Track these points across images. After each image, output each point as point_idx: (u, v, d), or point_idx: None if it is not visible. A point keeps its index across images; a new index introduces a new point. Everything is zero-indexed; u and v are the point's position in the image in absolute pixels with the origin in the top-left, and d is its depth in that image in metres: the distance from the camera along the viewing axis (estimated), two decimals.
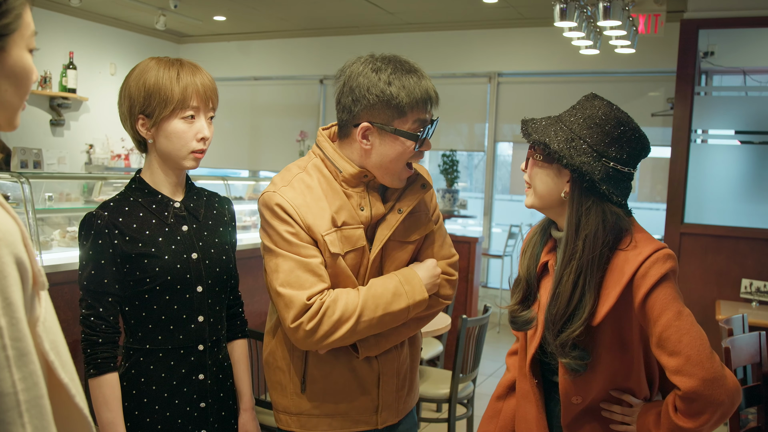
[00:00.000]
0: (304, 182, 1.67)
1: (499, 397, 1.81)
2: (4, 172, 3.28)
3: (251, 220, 4.77)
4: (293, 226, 1.61)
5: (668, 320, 1.43)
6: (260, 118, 8.48)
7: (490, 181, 7.26)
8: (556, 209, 1.60)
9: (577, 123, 1.54)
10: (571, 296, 1.50)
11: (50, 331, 0.88)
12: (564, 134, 1.53)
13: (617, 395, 1.58)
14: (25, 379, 0.78)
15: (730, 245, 4.88)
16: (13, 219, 0.83)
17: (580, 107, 1.58)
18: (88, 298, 1.65)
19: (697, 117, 5.09)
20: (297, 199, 1.63)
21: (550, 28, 6.03)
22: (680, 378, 1.42)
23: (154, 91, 1.65)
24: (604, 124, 1.53)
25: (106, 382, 1.62)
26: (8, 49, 0.87)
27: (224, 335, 1.83)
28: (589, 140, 1.52)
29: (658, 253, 1.47)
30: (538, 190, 1.59)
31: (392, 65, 1.61)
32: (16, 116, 0.93)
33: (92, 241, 1.65)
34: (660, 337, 1.44)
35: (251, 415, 1.88)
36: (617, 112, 1.54)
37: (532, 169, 1.60)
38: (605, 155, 1.52)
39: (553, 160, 1.54)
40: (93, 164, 7.33)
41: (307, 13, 7.09)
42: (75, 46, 7.15)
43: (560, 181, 1.55)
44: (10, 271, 0.78)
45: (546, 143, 1.52)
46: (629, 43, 4.84)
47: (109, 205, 1.69)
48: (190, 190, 1.80)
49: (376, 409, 1.75)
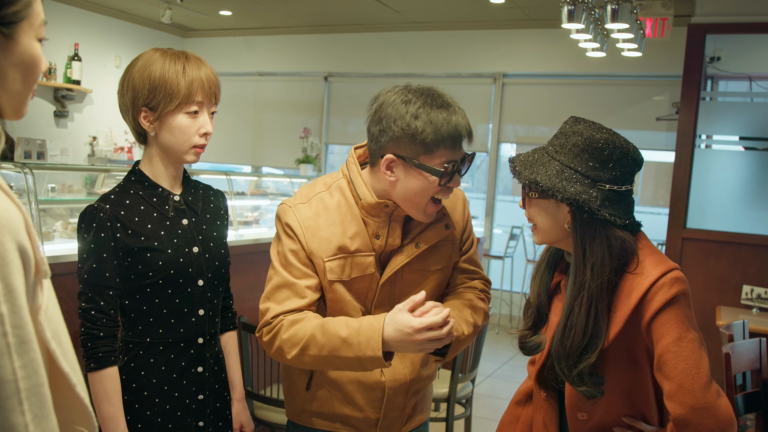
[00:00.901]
0: (323, 202, 1.65)
1: (518, 402, 1.79)
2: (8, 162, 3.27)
3: (253, 215, 4.76)
4: (296, 245, 1.62)
5: (666, 345, 1.43)
6: (264, 113, 8.47)
7: (493, 182, 7.25)
8: (566, 240, 1.57)
9: (564, 153, 1.52)
10: (585, 328, 1.48)
11: (52, 320, 0.87)
12: (553, 167, 1.51)
13: (630, 422, 1.55)
14: (26, 367, 0.78)
15: (731, 251, 4.87)
16: (16, 206, 0.83)
17: (563, 135, 1.55)
18: (88, 292, 1.63)
19: (701, 122, 5.08)
20: (308, 221, 1.63)
21: (556, 30, 6.02)
22: (671, 403, 1.42)
23: (159, 85, 1.63)
24: (590, 149, 1.50)
25: (107, 376, 1.62)
26: (17, 37, 0.87)
27: (218, 327, 1.84)
28: (579, 168, 1.50)
29: (665, 278, 1.45)
30: (541, 226, 1.57)
31: (423, 98, 1.53)
32: (24, 105, 0.93)
33: (94, 234, 1.64)
34: (659, 360, 1.44)
35: (243, 405, 1.91)
36: (601, 134, 1.50)
37: (530, 207, 1.58)
38: (599, 180, 1.49)
39: (548, 196, 1.51)
40: (96, 156, 7.33)
41: (314, 10, 7.08)
42: (80, 37, 7.15)
43: (560, 213, 1.53)
44: (12, 258, 0.78)
45: (536, 181, 1.49)
46: (636, 47, 4.83)
47: (110, 197, 1.68)
48: (187, 184, 1.80)
49: (377, 423, 1.73)
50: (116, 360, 1.65)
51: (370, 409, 1.71)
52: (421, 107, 1.52)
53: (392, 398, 1.72)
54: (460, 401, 3.30)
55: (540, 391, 1.66)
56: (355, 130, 7.97)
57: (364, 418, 1.72)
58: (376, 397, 1.70)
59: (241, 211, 4.67)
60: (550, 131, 6.99)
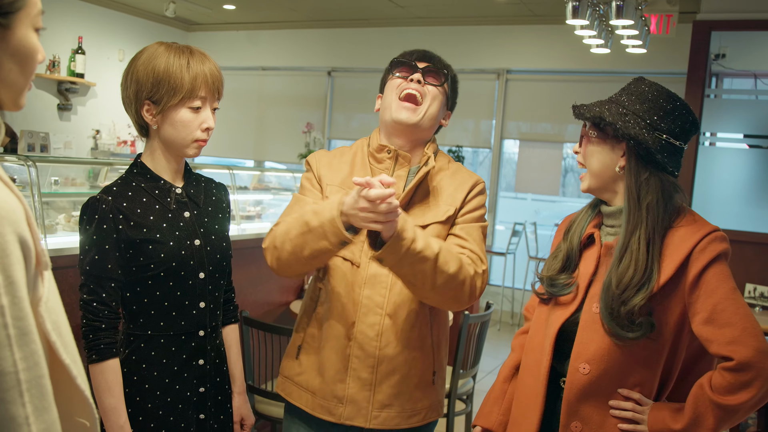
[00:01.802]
0: (341, 150, 1.90)
1: (506, 379, 1.81)
2: (11, 155, 3.28)
3: (255, 210, 4.76)
4: (309, 173, 1.86)
5: (725, 292, 1.47)
6: (267, 108, 8.47)
7: (495, 179, 7.24)
8: (611, 187, 1.63)
9: (629, 100, 1.59)
10: (646, 262, 1.51)
11: (52, 311, 0.87)
12: (616, 109, 1.58)
13: (626, 394, 1.55)
14: (26, 359, 0.78)
15: (735, 249, 4.80)
16: (17, 198, 0.82)
17: (628, 88, 1.63)
18: (90, 284, 1.63)
19: (706, 119, 5.06)
20: (323, 158, 1.87)
21: (560, 26, 6.00)
22: (735, 347, 1.43)
23: (163, 78, 1.63)
24: (656, 99, 1.58)
25: (108, 368, 1.62)
26: (13, 27, 0.86)
27: (219, 320, 1.84)
28: (641, 114, 1.57)
29: (717, 233, 1.53)
30: (594, 168, 1.62)
31: None
32: (22, 96, 0.92)
33: (96, 226, 1.64)
34: (714, 309, 1.46)
35: (244, 398, 1.91)
36: (667, 90, 1.60)
37: (586, 148, 1.64)
38: (658, 128, 1.56)
39: (608, 136, 1.58)
40: (99, 150, 7.33)
41: (317, 5, 7.07)
42: (84, 31, 7.15)
43: (615, 156, 1.59)
44: (12, 250, 0.78)
45: (601, 116, 1.56)
46: (641, 43, 4.81)
47: (113, 189, 1.68)
48: (189, 177, 1.80)
49: (342, 400, 1.71)
50: (118, 352, 1.65)
51: (337, 382, 1.71)
52: None
53: (358, 370, 1.69)
54: (461, 397, 3.30)
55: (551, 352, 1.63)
56: (358, 125, 7.97)
57: (330, 392, 1.71)
58: (342, 367, 1.70)
59: (243, 206, 4.66)
60: (554, 127, 6.98)
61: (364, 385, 1.70)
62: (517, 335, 1.87)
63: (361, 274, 1.72)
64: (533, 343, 1.71)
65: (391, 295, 1.71)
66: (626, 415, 1.54)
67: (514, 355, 1.83)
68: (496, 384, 1.83)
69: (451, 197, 1.78)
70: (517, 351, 1.83)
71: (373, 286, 1.71)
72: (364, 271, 1.72)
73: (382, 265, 1.60)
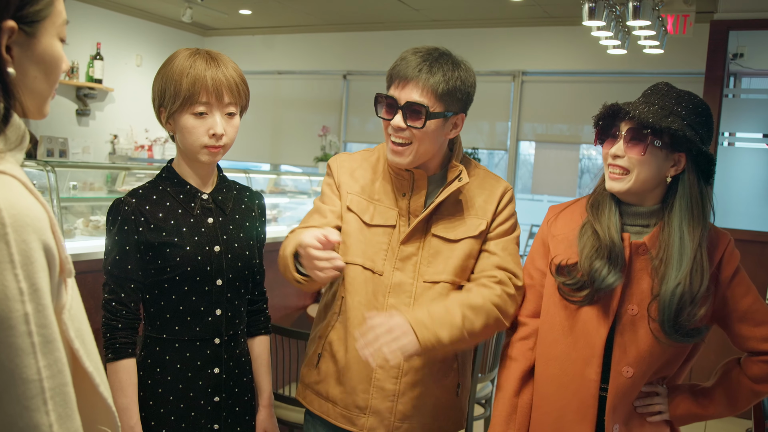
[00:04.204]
0: (363, 156, 1.85)
1: (514, 393, 1.73)
2: (31, 160, 3.31)
3: (272, 213, 4.77)
4: (330, 179, 1.82)
5: (756, 295, 1.61)
6: (283, 112, 8.49)
7: (512, 181, 7.20)
8: (650, 192, 1.62)
9: (681, 107, 1.57)
10: (708, 275, 1.55)
11: (76, 318, 0.88)
12: (678, 122, 1.55)
13: (648, 389, 1.65)
14: (50, 366, 0.78)
15: (756, 250, 4.79)
16: (41, 205, 0.83)
17: (661, 93, 1.61)
18: (111, 283, 1.66)
19: (724, 119, 5.01)
20: (345, 162, 1.83)
21: (576, 27, 5.97)
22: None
23: (167, 85, 1.64)
24: (697, 109, 1.58)
25: (122, 367, 1.63)
26: (38, 35, 0.87)
27: (243, 330, 1.81)
28: (696, 127, 1.57)
29: (732, 241, 1.63)
30: (642, 175, 1.59)
31: None
32: (46, 104, 0.93)
33: (118, 227, 1.66)
34: (749, 309, 1.60)
35: (269, 412, 1.87)
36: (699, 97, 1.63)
37: (639, 155, 1.57)
38: (705, 141, 1.60)
39: (668, 146, 1.56)
40: (117, 154, 7.39)
41: (333, 8, 7.08)
42: (102, 37, 7.21)
43: (666, 164, 1.59)
44: (37, 257, 0.78)
45: (677, 130, 1.53)
46: (658, 44, 4.77)
47: (138, 192, 1.70)
48: (221, 183, 1.79)
49: (365, 410, 1.69)
50: (134, 352, 1.66)
51: (359, 392, 1.69)
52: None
53: (382, 380, 1.68)
54: (479, 402, 3.28)
55: (600, 362, 1.62)
56: (373, 128, 7.96)
57: (352, 402, 1.70)
58: (365, 377, 1.68)
59: None
60: (570, 129, 6.94)
61: (387, 395, 1.69)
62: (515, 343, 1.76)
63: (384, 282, 1.70)
64: (555, 352, 1.66)
65: (416, 304, 1.69)
66: (655, 408, 1.64)
67: (518, 365, 1.74)
68: (504, 399, 1.73)
69: (482, 209, 1.75)
70: (521, 360, 1.74)
71: (398, 294, 1.69)
72: (388, 280, 1.70)
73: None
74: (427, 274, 1.71)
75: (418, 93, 1.63)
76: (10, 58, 0.83)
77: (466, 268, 1.74)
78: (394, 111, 1.66)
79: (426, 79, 1.63)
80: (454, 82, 1.65)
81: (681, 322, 1.52)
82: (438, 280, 1.71)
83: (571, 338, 1.64)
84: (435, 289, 1.71)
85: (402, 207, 1.73)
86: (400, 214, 1.73)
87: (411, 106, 1.63)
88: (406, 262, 1.71)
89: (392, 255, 1.70)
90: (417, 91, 1.63)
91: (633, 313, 1.57)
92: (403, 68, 1.65)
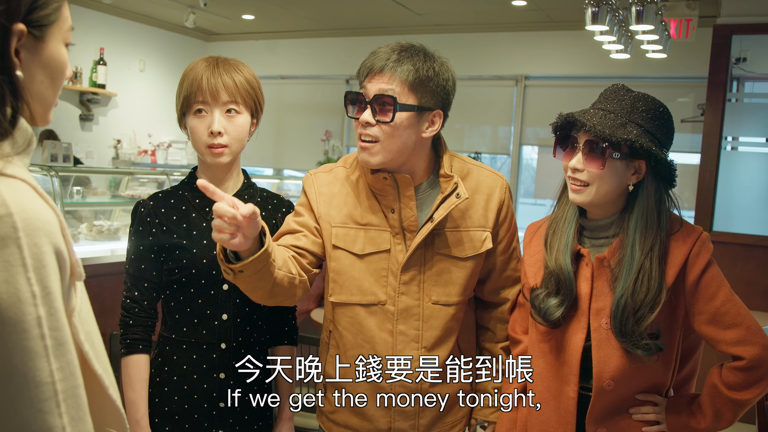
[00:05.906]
0: (344, 173, 1.72)
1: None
2: (35, 165, 3.32)
3: None
4: (306, 207, 1.69)
5: (726, 295, 1.52)
6: (286, 116, 8.50)
7: (515, 185, 7.21)
8: (613, 203, 1.59)
9: (636, 114, 1.53)
10: (659, 281, 1.52)
11: (85, 321, 0.88)
12: (634, 130, 1.52)
13: (643, 398, 1.59)
14: (63, 369, 0.79)
15: (760, 254, 4.79)
16: (52, 209, 0.84)
17: (616, 97, 1.57)
18: (128, 282, 1.73)
19: (727, 124, 5.01)
20: (323, 187, 1.69)
21: (578, 32, 5.98)
22: (743, 347, 1.48)
23: (178, 91, 1.73)
24: (656, 114, 1.54)
25: (132, 363, 1.69)
26: (46, 40, 0.88)
27: (258, 338, 1.79)
28: (655, 133, 1.54)
29: (703, 235, 1.56)
30: (603, 189, 1.55)
31: None
32: (50, 110, 0.94)
33: (135, 228, 1.74)
34: (717, 312, 1.52)
35: (288, 426, 1.83)
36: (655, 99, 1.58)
37: (599, 169, 1.54)
38: (665, 145, 1.57)
39: (627, 156, 1.53)
40: (120, 159, 7.40)
41: (335, 13, 7.10)
42: (105, 42, 7.23)
43: (626, 174, 1.56)
44: (49, 261, 0.79)
45: (632, 141, 1.49)
46: (661, 48, 4.78)
47: (158, 196, 1.77)
48: (244, 189, 1.80)
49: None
50: (144, 349, 1.71)
51: (379, 418, 1.65)
52: None
53: (400, 404, 1.62)
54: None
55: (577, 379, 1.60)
56: None
57: (375, 428, 1.66)
58: (382, 403, 1.62)
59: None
60: None
61: (408, 416, 1.66)
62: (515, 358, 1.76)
63: (389, 310, 1.64)
64: (538, 369, 1.65)
65: (426, 328, 1.65)
66: (649, 417, 1.59)
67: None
68: (505, 417, 1.73)
69: (483, 218, 1.70)
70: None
71: (406, 320, 1.64)
72: (393, 306, 1.64)
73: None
74: (434, 294, 1.65)
75: (385, 82, 1.55)
76: (18, 61, 0.84)
77: (472, 285, 1.73)
78: (363, 107, 1.58)
79: (393, 68, 1.54)
80: (426, 72, 1.56)
81: (626, 332, 1.51)
82: (450, 302, 1.67)
83: (551, 356, 1.64)
84: (447, 311, 1.66)
85: (394, 225, 1.64)
86: (393, 233, 1.64)
87: (379, 99, 1.55)
88: (409, 285, 1.64)
89: (394, 279, 1.64)
90: (384, 80, 1.55)
91: (605, 327, 1.55)
92: (371, 59, 1.58)
